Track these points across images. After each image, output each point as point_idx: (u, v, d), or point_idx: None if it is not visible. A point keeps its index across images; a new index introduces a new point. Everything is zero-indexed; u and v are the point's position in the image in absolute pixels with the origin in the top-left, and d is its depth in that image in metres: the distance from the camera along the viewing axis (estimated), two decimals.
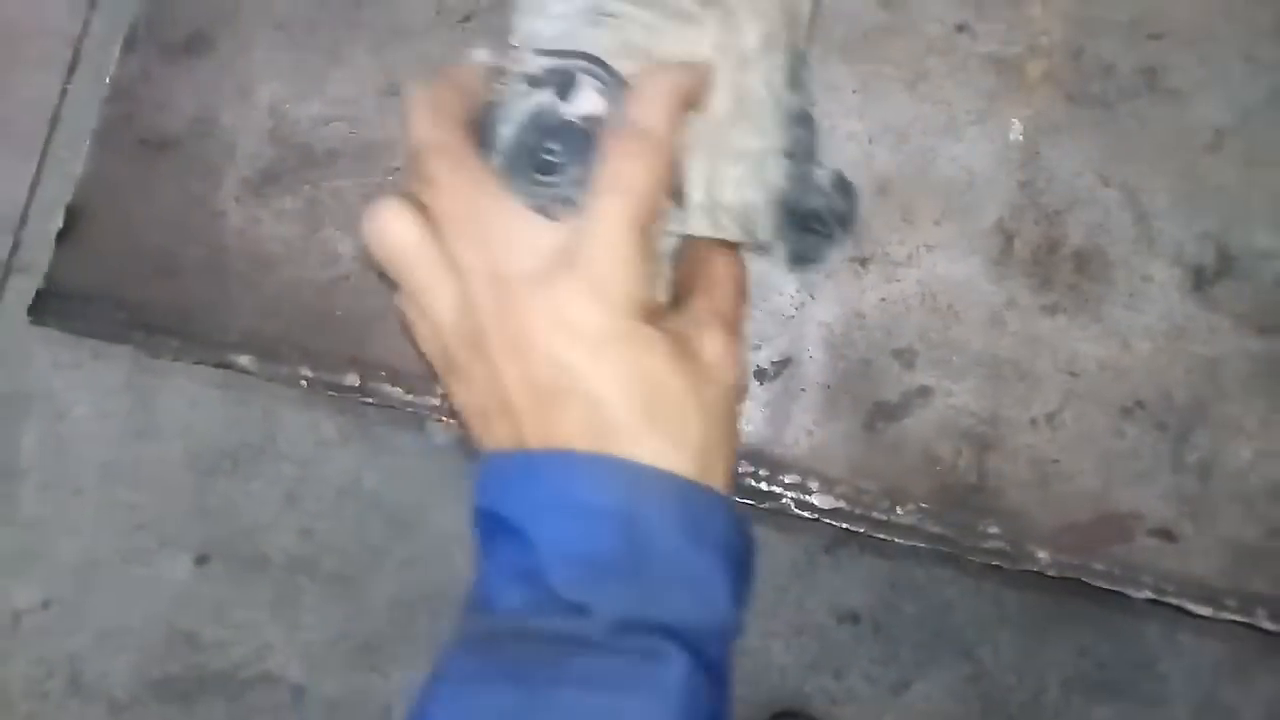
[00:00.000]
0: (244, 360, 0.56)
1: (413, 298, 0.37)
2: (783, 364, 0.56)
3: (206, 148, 0.59)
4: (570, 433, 0.35)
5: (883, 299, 0.56)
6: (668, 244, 0.41)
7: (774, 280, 0.56)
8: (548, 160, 0.37)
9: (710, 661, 0.33)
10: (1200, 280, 0.55)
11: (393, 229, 0.36)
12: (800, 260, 0.44)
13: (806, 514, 0.54)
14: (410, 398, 0.56)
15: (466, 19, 0.59)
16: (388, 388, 0.56)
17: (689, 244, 0.41)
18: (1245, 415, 0.54)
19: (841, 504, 0.54)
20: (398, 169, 0.58)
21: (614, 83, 0.38)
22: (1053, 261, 0.56)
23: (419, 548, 1.34)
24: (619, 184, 0.36)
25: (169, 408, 1.37)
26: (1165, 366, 0.55)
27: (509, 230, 0.36)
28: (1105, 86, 0.57)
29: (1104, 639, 1.20)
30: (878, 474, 0.55)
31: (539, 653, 0.32)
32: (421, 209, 0.36)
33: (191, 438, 1.35)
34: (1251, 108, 0.57)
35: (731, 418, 0.38)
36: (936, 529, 0.54)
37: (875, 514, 0.54)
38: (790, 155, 0.42)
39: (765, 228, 0.42)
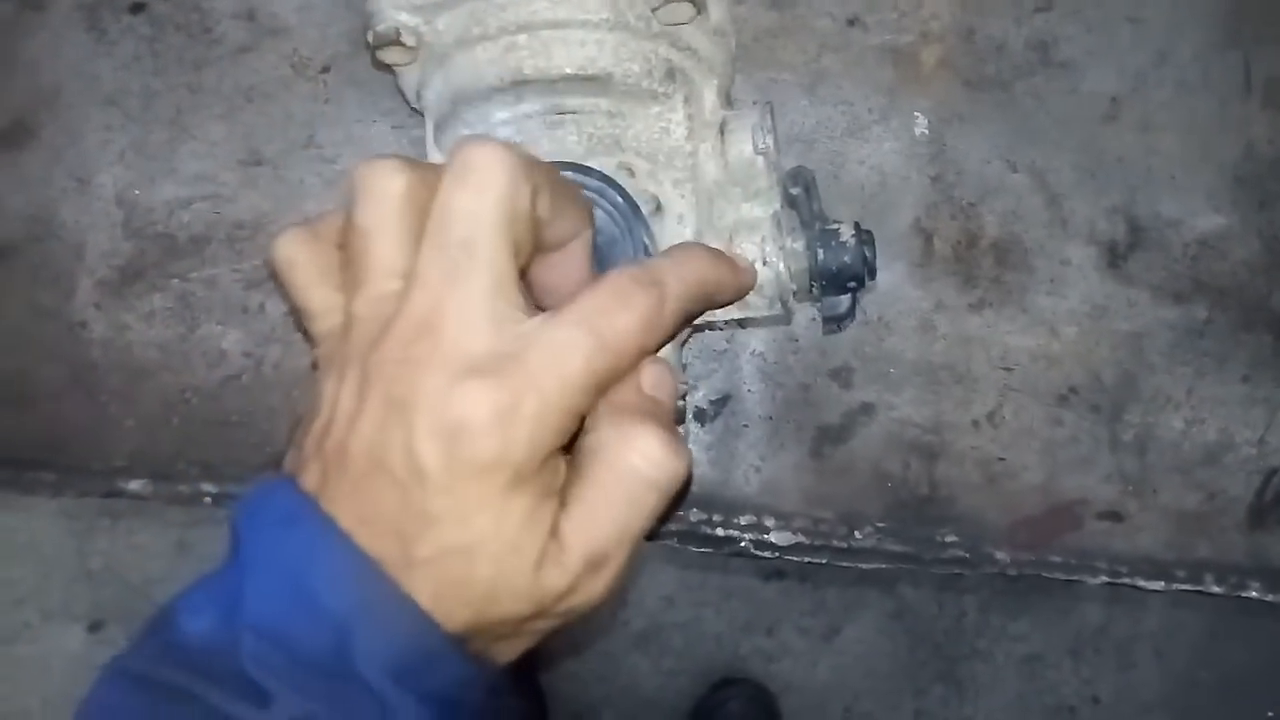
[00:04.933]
0: (135, 486, 0.50)
1: (356, 262, 0.33)
2: (721, 401, 0.53)
3: (50, 252, 0.52)
4: (364, 512, 0.30)
5: (813, 319, 0.54)
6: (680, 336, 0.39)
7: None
8: None
9: None
10: (1115, 256, 0.55)
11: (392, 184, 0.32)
12: (836, 321, 0.43)
13: (766, 554, 0.53)
14: None
15: (325, 69, 0.53)
16: None
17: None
18: (1172, 385, 0.55)
19: (800, 538, 0.53)
20: None
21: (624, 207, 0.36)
22: (973, 256, 0.55)
23: None
24: (597, 321, 0.31)
25: None
26: (1092, 348, 0.55)
27: (474, 305, 0.31)
28: (1000, 66, 0.56)
29: None
30: (831, 500, 0.53)
31: None
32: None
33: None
34: (1142, 72, 0.56)
35: (557, 616, 0.33)
36: (896, 547, 0.53)
37: (834, 542, 0.53)
38: (806, 223, 0.41)
39: (796, 297, 0.41)
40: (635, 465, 0.32)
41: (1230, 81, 0.57)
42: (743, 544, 0.52)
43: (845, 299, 0.42)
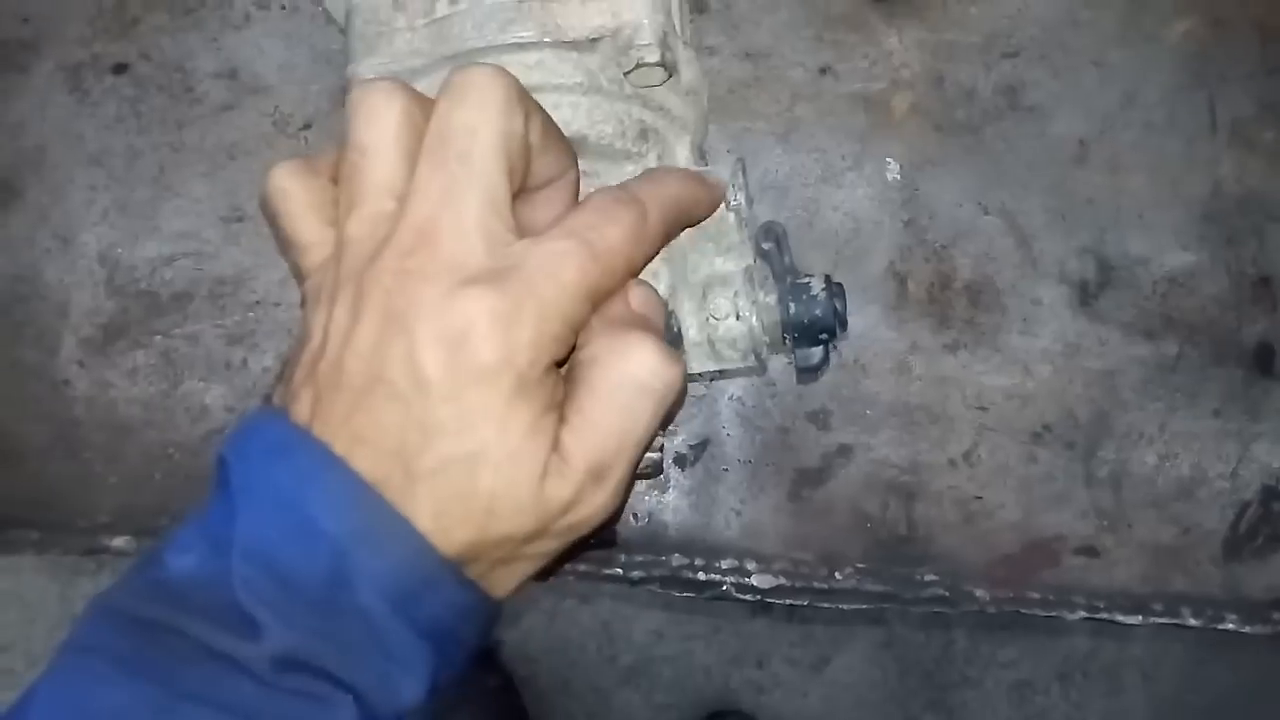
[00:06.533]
0: (119, 543, 0.50)
1: (351, 181, 0.33)
2: (701, 446, 0.54)
3: (33, 311, 0.52)
4: (362, 431, 0.30)
5: (788, 363, 0.54)
6: None
7: None
8: None
9: None
10: (1086, 295, 0.56)
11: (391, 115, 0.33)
12: (809, 372, 0.44)
13: (748, 597, 0.53)
14: None
15: (307, 126, 0.54)
16: None
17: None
18: (1145, 421, 0.55)
19: (781, 580, 0.53)
20: (258, 303, 0.53)
21: None
22: (946, 298, 0.55)
23: None
24: (587, 234, 0.32)
25: None
26: (1065, 386, 0.55)
27: (469, 219, 0.31)
28: (970, 112, 0.57)
29: None
30: (811, 542, 0.54)
31: (191, 665, 0.29)
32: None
33: None
34: (1109, 114, 0.58)
35: (559, 535, 0.33)
36: (876, 587, 0.54)
37: (815, 584, 0.53)
38: (778, 277, 0.42)
39: (769, 350, 0.42)
40: (633, 373, 0.32)
41: (1196, 121, 0.58)
42: (725, 587, 0.53)
43: (818, 350, 0.43)
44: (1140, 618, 0.55)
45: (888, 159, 0.56)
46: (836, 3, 0.57)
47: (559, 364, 0.33)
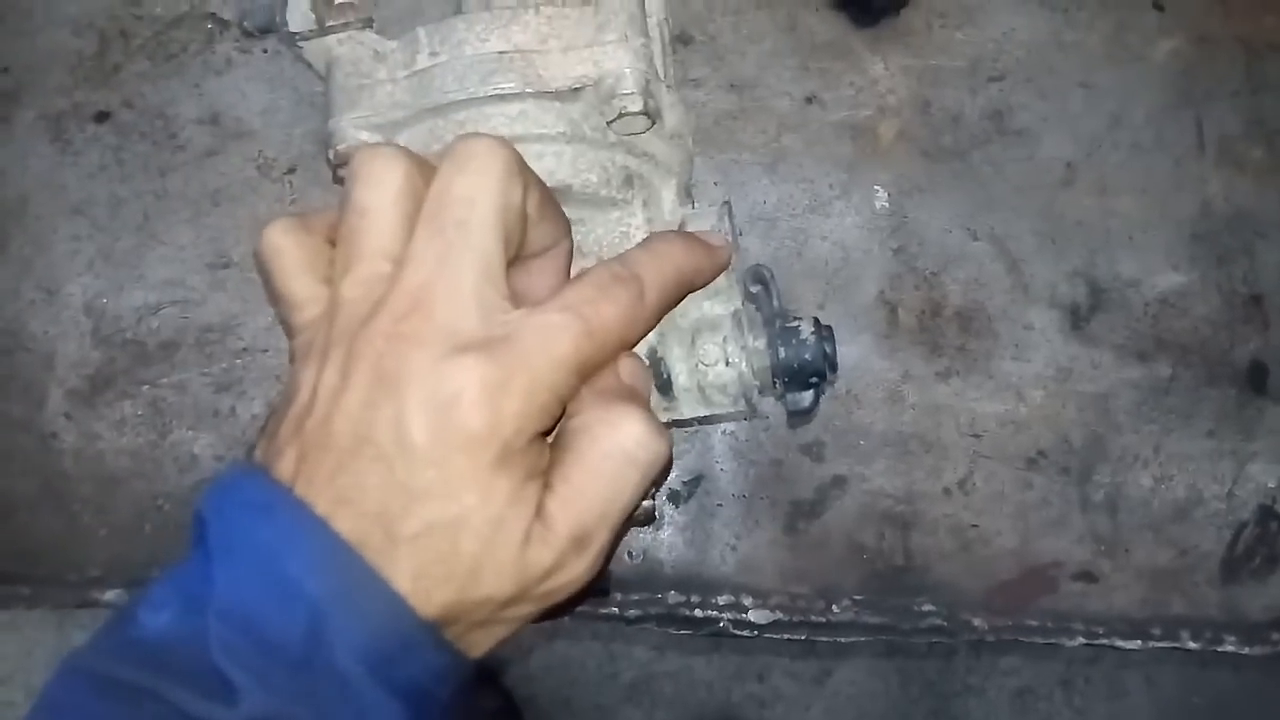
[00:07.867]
0: (110, 596, 0.50)
1: (349, 243, 0.33)
2: (694, 482, 0.54)
3: (19, 363, 0.52)
4: (345, 492, 0.30)
5: (780, 397, 0.54)
6: None
7: None
8: None
9: None
10: (1077, 319, 0.56)
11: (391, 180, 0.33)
12: (800, 415, 0.43)
13: (745, 633, 0.53)
14: None
15: (291, 170, 0.54)
16: None
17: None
18: (1140, 444, 0.55)
19: (778, 615, 0.53)
20: (245, 350, 0.52)
21: None
22: (938, 325, 0.55)
23: None
24: (583, 309, 0.32)
25: None
26: (1059, 411, 0.55)
27: (465, 286, 0.31)
28: (957, 137, 0.57)
29: None
30: (807, 575, 0.53)
31: None
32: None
33: None
34: (1096, 136, 0.57)
35: (538, 600, 0.33)
36: (874, 619, 0.54)
37: (812, 617, 0.53)
38: (767, 321, 0.41)
39: (760, 394, 0.42)
40: (620, 443, 0.32)
41: (1183, 141, 0.58)
42: (721, 624, 0.53)
43: (808, 394, 0.43)
44: (1139, 642, 0.55)
45: (876, 187, 0.56)
46: (821, 31, 0.57)
47: (545, 433, 0.32)
